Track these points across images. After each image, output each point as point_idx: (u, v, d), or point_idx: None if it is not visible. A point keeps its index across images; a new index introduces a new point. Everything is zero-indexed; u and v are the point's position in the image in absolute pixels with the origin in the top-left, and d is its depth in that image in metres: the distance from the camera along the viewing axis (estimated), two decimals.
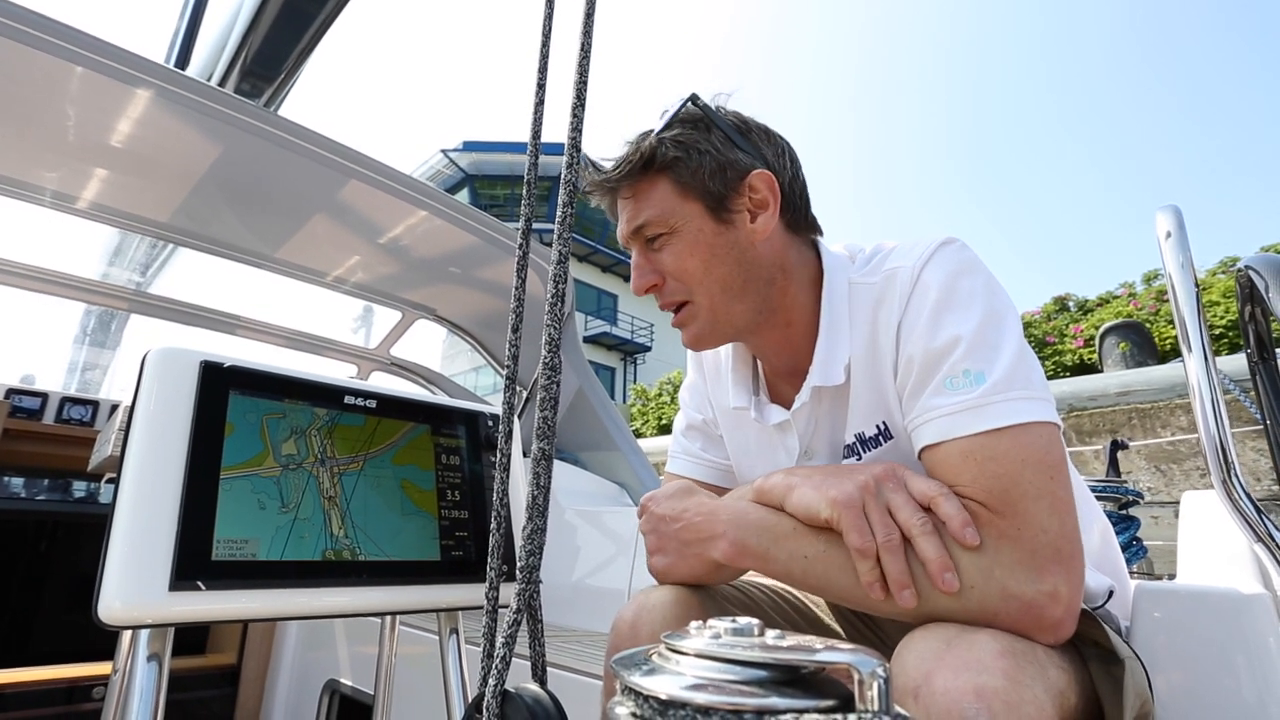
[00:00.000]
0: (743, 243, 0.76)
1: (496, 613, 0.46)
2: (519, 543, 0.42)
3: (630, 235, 0.79)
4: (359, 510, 0.75)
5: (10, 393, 2.07)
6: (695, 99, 0.78)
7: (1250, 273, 0.97)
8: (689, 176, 0.75)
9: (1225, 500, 0.83)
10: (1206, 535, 0.97)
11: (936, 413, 0.64)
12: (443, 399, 0.91)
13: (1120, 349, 6.00)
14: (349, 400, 0.80)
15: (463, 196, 20.03)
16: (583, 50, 0.46)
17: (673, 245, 0.77)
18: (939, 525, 0.59)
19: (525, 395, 2.23)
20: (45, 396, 2.13)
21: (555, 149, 0.45)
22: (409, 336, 2.45)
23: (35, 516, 2.05)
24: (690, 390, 0.98)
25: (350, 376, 2.00)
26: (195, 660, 1.99)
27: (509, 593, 0.75)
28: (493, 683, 0.41)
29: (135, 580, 0.59)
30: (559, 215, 0.45)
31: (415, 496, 0.80)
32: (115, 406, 2.22)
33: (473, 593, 0.80)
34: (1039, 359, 0.79)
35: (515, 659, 0.41)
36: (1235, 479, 0.83)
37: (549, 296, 0.43)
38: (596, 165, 0.80)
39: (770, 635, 0.28)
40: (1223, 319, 6.05)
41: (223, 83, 2.31)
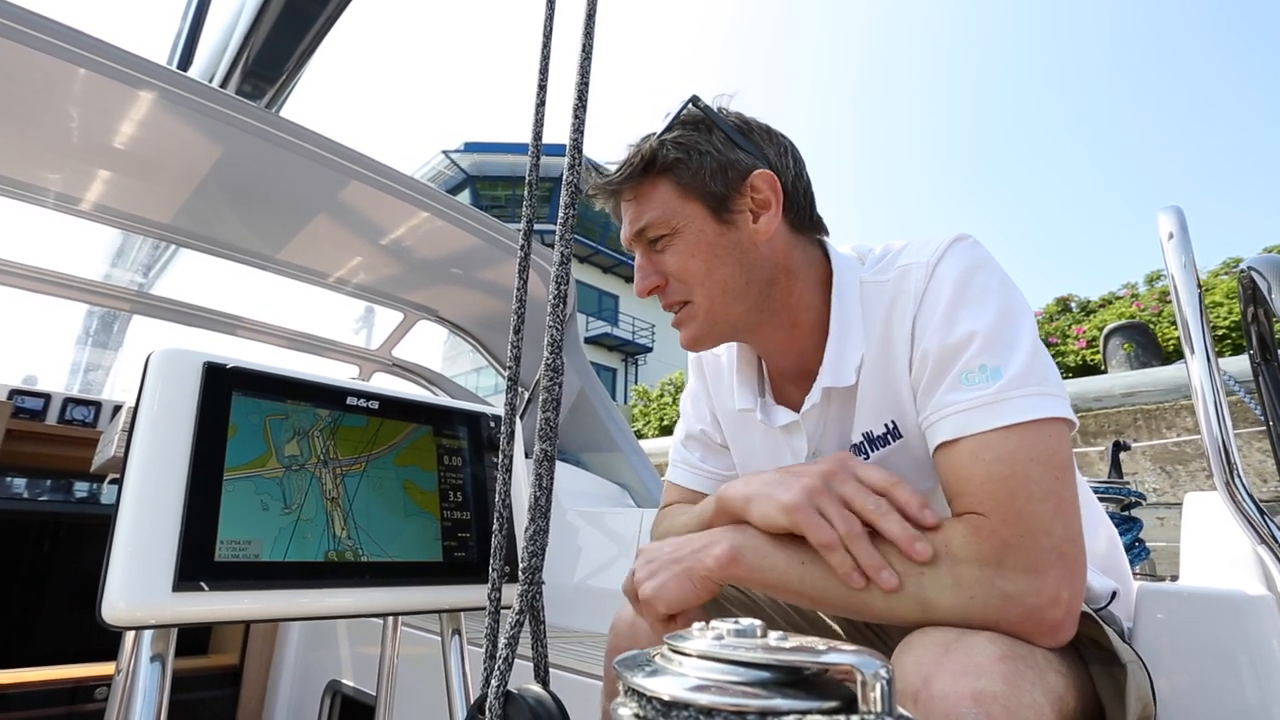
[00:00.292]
0: (745, 243, 0.76)
1: (499, 613, 0.46)
2: (521, 544, 0.42)
3: (633, 237, 0.79)
4: (361, 511, 0.75)
5: (13, 393, 2.08)
6: (696, 100, 0.78)
7: (1253, 274, 0.96)
8: (690, 178, 0.75)
9: (1228, 502, 0.83)
10: (1209, 537, 0.97)
11: (952, 408, 0.63)
12: (445, 400, 0.91)
13: (1125, 350, 5.99)
14: (351, 401, 0.80)
15: (464, 197, 20.04)
16: (584, 51, 0.46)
17: (675, 246, 0.77)
18: (902, 505, 0.59)
19: (527, 396, 2.23)
20: (48, 397, 2.14)
21: (557, 150, 0.46)
22: (410, 337, 2.45)
23: (38, 517, 2.06)
24: (691, 398, 0.98)
25: (352, 377, 2.00)
26: (197, 661, 1.99)
27: (511, 593, 0.75)
28: (495, 683, 0.41)
29: (139, 581, 0.59)
30: (560, 216, 0.45)
31: (417, 497, 0.80)
32: (117, 407, 2.22)
33: (475, 593, 0.80)
34: None
35: (517, 660, 0.41)
36: (1238, 480, 0.82)
37: (551, 298, 0.43)
38: (599, 168, 0.80)
39: (773, 636, 0.28)
40: (1226, 320, 6.04)
41: (224, 84, 2.32)
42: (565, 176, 0.45)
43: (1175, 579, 0.96)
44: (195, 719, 1.90)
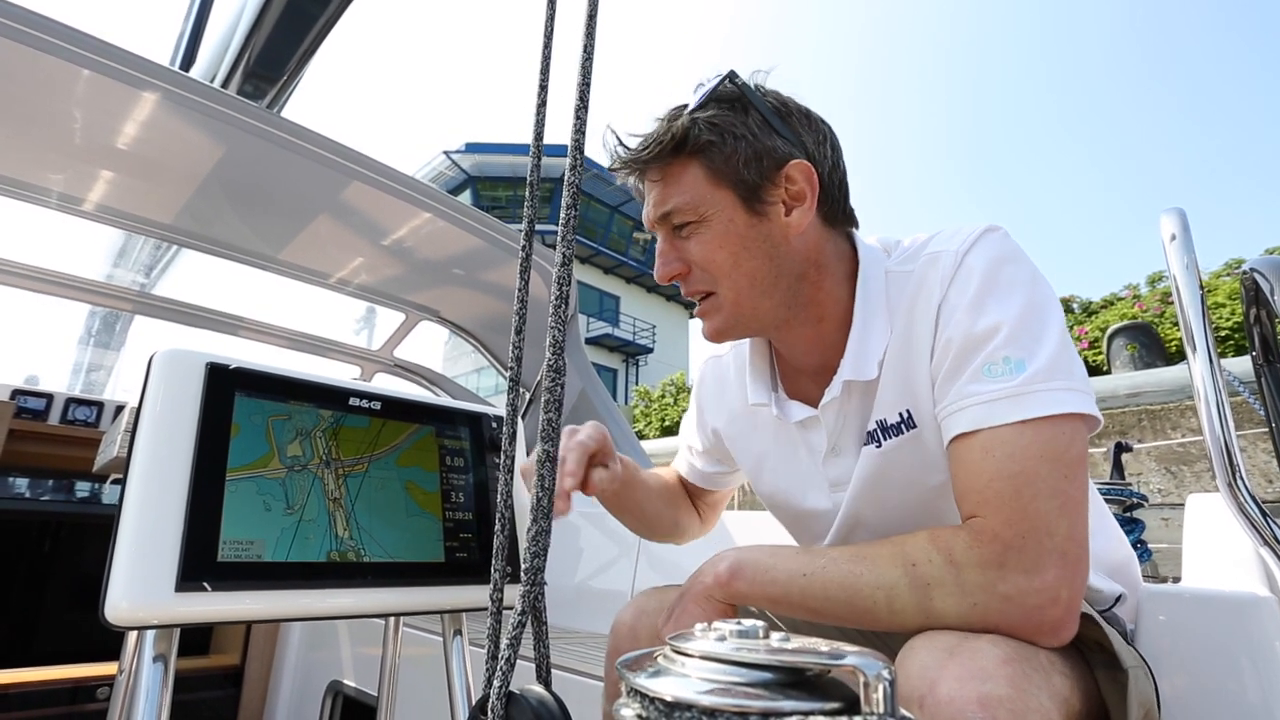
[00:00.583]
0: (775, 236, 0.72)
1: (501, 614, 0.46)
2: (523, 544, 0.42)
3: (656, 220, 0.75)
4: (363, 512, 0.75)
5: (16, 393, 2.08)
6: (734, 76, 0.73)
7: (1256, 275, 0.96)
8: (722, 163, 0.71)
9: (1231, 503, 0.83)
10: (1212, 538, 0.97)
11: (973, 399, 0.62)
12: (446, 401, 0.91)
13: (1129, 350, 5.98)
14: (354, 402, 0.80)
15: (465, 198, 20.06)
16: (585, 52, 0.46)
17: (701, 235, 0.73)
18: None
19: (529, 397, 2.23)
20: (50, 397, 2.14)
21: (558, 150, 0.45)
22: (411, 338, 2.45)
23: (40, 517, 2.06)
24: (690, 426, 1.00)
25: (353, 378, 2.00)
26: (199, 661, 1.99)
27: (513, 594, 0.75)
28: (497, 684, 0.41)
29: (142, 581, 0.59)
30: (562, 218, 0.45)
31: (419, 498, 0.80)
32: (120, 407, 2.23)
33: (477, 594, 0.80)
34: None
35: (519, 660, 0.41)
36: (1241, 482, 0.82)
37: (553, 298, 0.43)
38: (623, 141, 0.76)
39: (775, 637, 0.28)
40: (1229, 321, 6.02)
41: (226, 84, 2.32)
42: (567, 177, 0.45)
43: (1178, 580, 0.96)
44: (196, 719, 1.90)
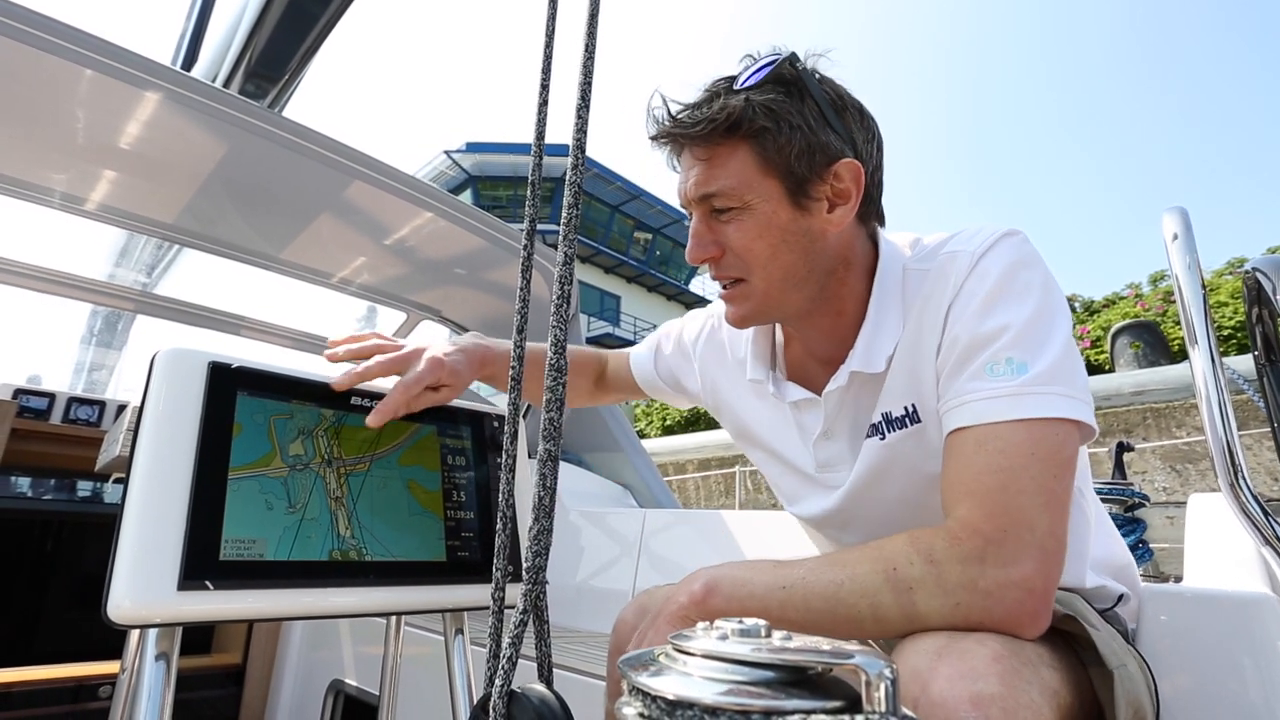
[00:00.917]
0: (814, 232, 0.72)
1: (503, 613, 0.46)
2: (525, 543, 0.42)
3: (696, 200, 0.73)
4: (365, 511, 0.75)
5: (18, 393, 2.08)
6: (795, 60, 0.71)
7: (1258, 275, 0.96)
8: (774, 152, 0.69)
9: (1232, 503, 0.83)
10: (1214, 537, 0.97)
11: (973, 396, 0.63)
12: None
13: (1132, 349, 5.97)
14: (356, 401, 0.80)
15: (465, 197, 20.06)
16: (586, 51, 0.46)
17: (741, 222, 0.71)
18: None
19: None
20: (52, 396, 2.14)
21: (558, 150, 0.45)
22: (412, 338, 2.45)
23: (42, 516, 2.06)
24: (672, 342, 1.00)
25: None
26: (200, 660, 2.00)
27: (515, 593, 0.75)
28: (499, 683, 0.41)
29: (144, 580, 0.59)
30: (564, 217, 0.45)
31: (421, 497, 0.81)
32: (122, 407, 2.23)
33: (479, 593, 0.81)
34: None
35: (521, 659, 0.41)
36: (1242, 481, 0.82)
37: (554, 298, 0.43)
38: (668, 108, 0.73)
39: (777, 636, 0.28)
40: (1231, 320, 6.02)
41: (228, 84, 2.32)
42: (569, 177, 0.45)
43: (1179, 579, 0.96)
44: (198, 718, 1.91)
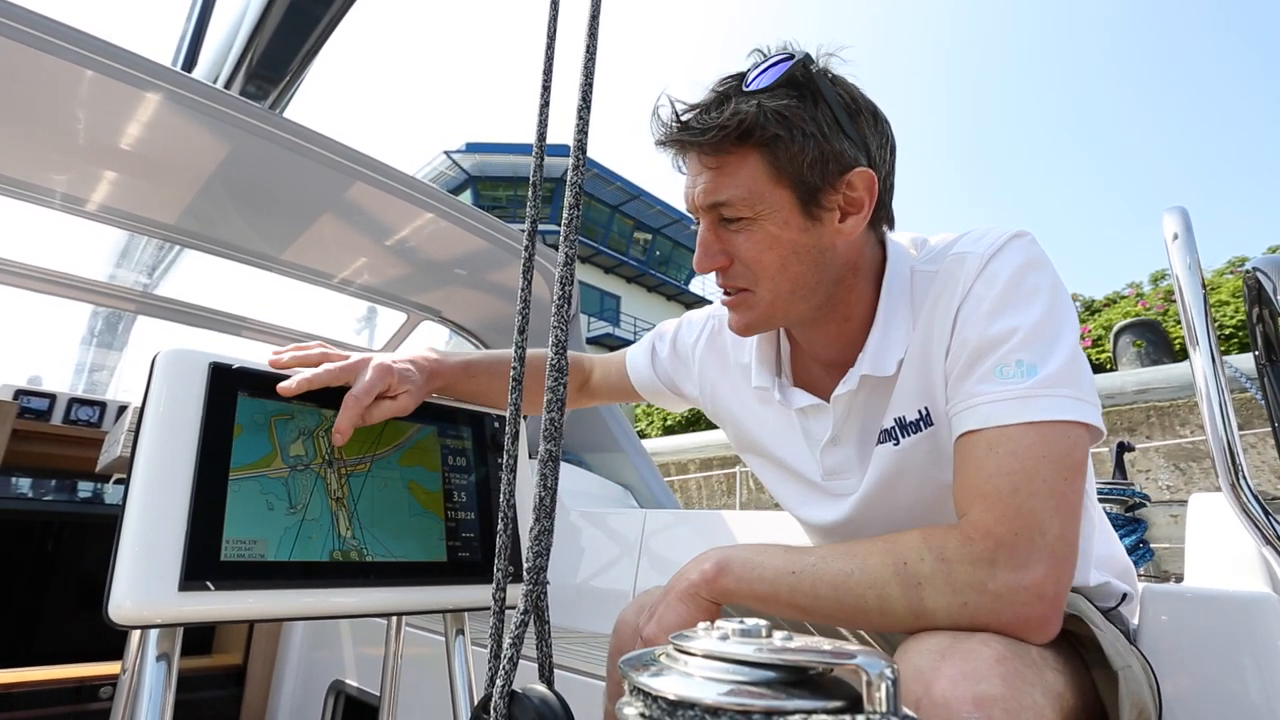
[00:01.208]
0: (825, 242, 0.70)
1: (504, 613, 0.46)
2: (525, 543, 0.42)
3: (704, 208, 0.71)
4: (366, 511, 0.75)
5: (19, 393, 2.09)
6: (809, 62, 0.68)
7: (1258, 274, 0.96)
8: (787, 161, 0.67)
9: (1233, 502, 0.83)
10: (1215, 537, 0.97)
11: (982, 399, 0.62)
12: (449, 400, 0.91)
13: (1135, 347, 5.96)
14: None
15: (465, 198, 20.06)
16: (588, 52, 0.46)
17: (752, 233, 0.70)
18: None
19: None
20: (53, 397, 2.14)
21: (559, 150, 0.46)
22: (413, 338, 2.46)
23: (42, 517, 2.06)
24: (668, 345, 0.99)
25: None
26: (201, 660, 2.00)
27: (516, 593, 0.75)
28: (500, 683, 0.41)
29: (145, 580, 0.59)
30: (565, 218, 0.45)
31: (422, 498, 0.81)
32: (122, 407, 2.23)
33: (479, 593, 0.81)
34: None
35: (522, 660, 0.41)
36: (1243, 481, 0.82)
37: (555, 298, 0.43)
38: (675, 110, 0.70)
39: (778, 636, 0.28)
40: (1233, 319, 6.01)
41: (229, 85, 2.32)
42: (569, 177, 0.45)
43: (1180, 579, 0.96)
44: (199, 718, 1.91)
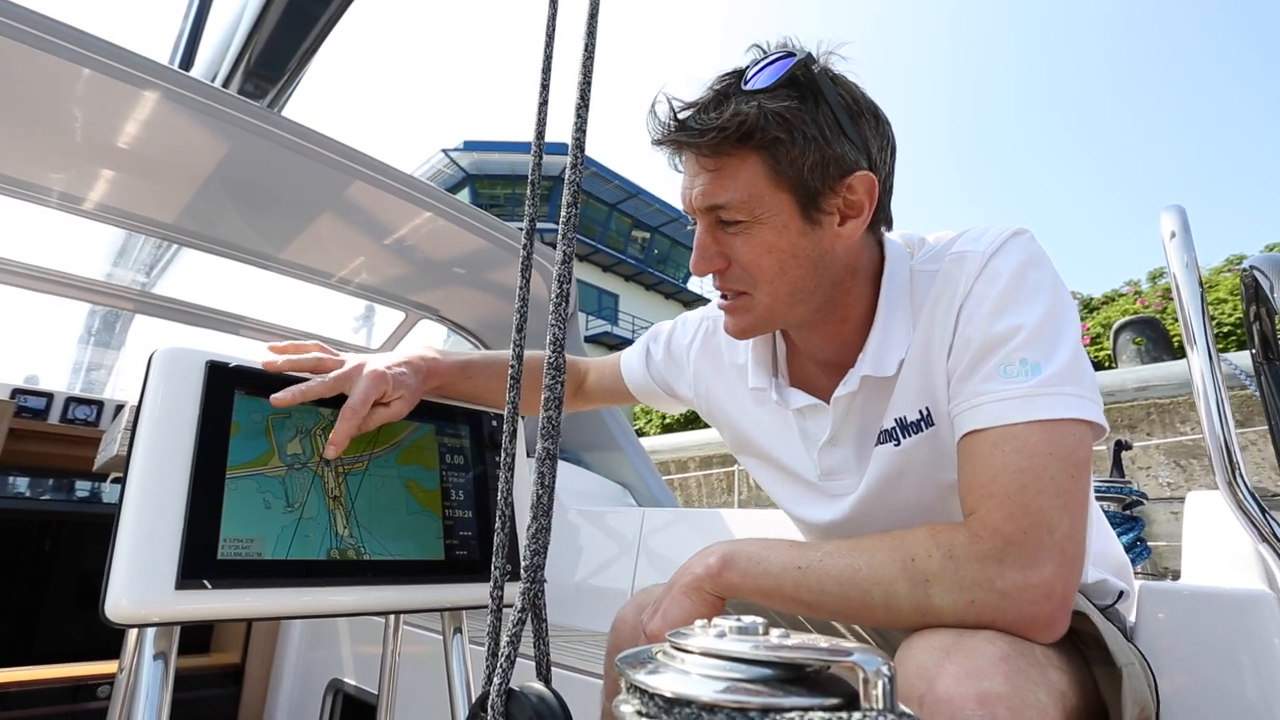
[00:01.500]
0: (824, 245, 0.70)
1: (501, 612, 0.46)
2: (523, 542, 0.42)
3: (702, 210, 0.71)
4: (364, 509, 0.75)
5: (16, 392, 2.08)
6: (810, 61, 0.67)
7: (1255, 272, 0.96)
8: (787, 164, 0.66)
9: (1230, 500, 0.83)
10: (1212, 535, 0.97)
11: (987, 398, 0.62)
12: (447, 398, 0.91)
13: (1135, 345, 5.96)
14: None
15: (463, 196, 20.05)
16: (586, 50, 0.46)
17: (750, 236, 0.69)
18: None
19: None
20: (50, 396, 2.14)
21: (557, 149, 0.46)
22: (411, 337, 2.46)
23: (40, 516, 2.06)
24: (662, 347, 0.99)
25: None
26: (199, 659, 2.00)
27: (513, 592, 0.76)
28: (497, 681, 0.41)
29: (142, 579, 0.59)
30: (563, 216, 0.45)
31: (420, 496, 0.81)
32: (120, 406, 2.23)
33: (477, 592, 0.81)
34: None
35: (519, 658, 0.41)
36: (1240, 479, 0.82)
37: (553, 296, 0.43)
38: (673, 109, 0.69)
39: (775, 634, 0.28)
40: (1231, 316, 6.02)
41: (227, 83, 2.32)
42: (567, 176, 0.45)
43: (1177, 576, 0.96)
44: (197, 717, 1.91)
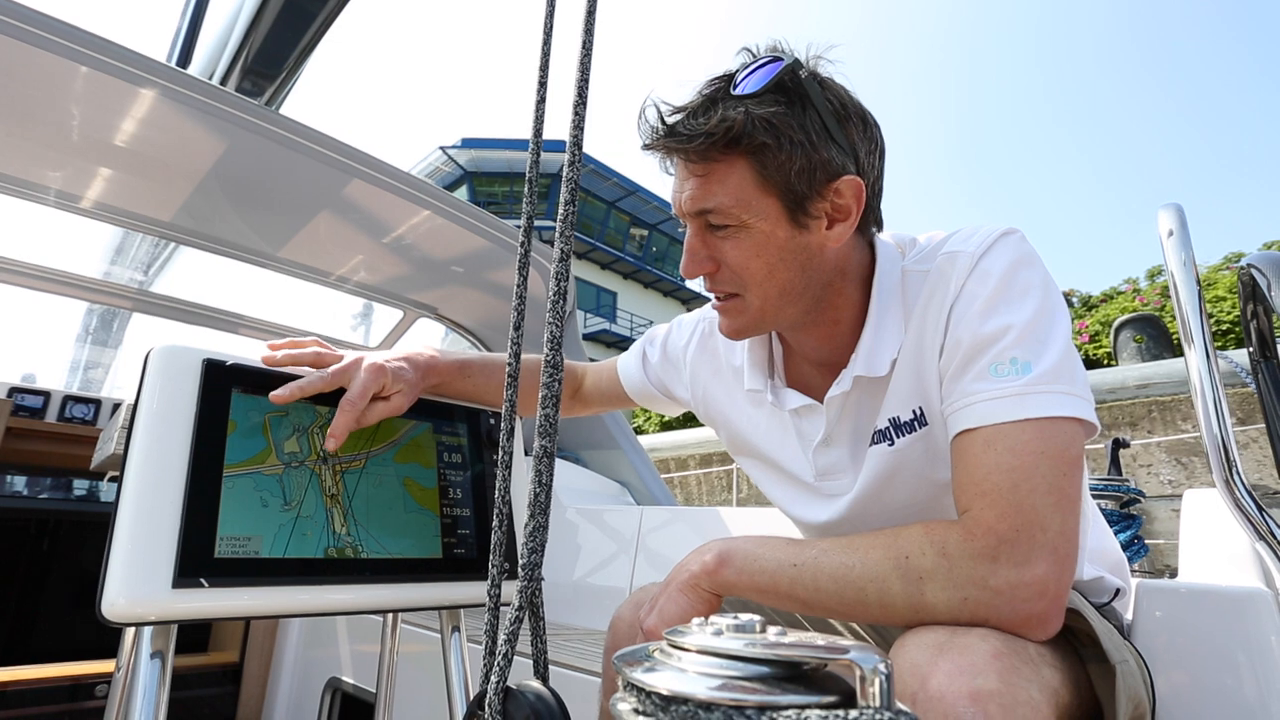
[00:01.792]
0: (812, 248, 0.71)
1: (499, 610, 0.46)
2: (521, 540, 0.42)
3: (692, 214, 0.72)
4: (361, 508, 0.75)
5: (13, 391, 2.08)
6: (798, 66, 0.68)
7: (1252, 270, 0.96)
8: (774, 169, 0.67)
9: (1227, 498, 0.83)
10: (1209, 533, 0.97)
11: (978, 397, 0.63)
12: (444, 397, 0.91)
13: (1136, 342, 5.96)
14: None
15: (461, 193, 20.02)
16: (584, 48, 0.46)
17: (738, 240, 0.70)
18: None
19: None
20: (48, 395, 2.14)
21: (555, 146, 0.45)
22: (409, 335, 2.45)
23: (37, 515, 2.06)
24: (658, 349, 1.00)
25: None
26: (197, 658, 1.99)
27: (511, 590, 0.75)
28: (495, 679, 0.41)
29: (139, 577, 0.59)
30: (560, 214, 0.45)
31: (417, 494, 0.80)
32: (117, 405, 2.22)
33: (475, 590, 0.81)
34: None
35: (517, 656, 0.41)
36: (1237, 477, 0.83)
37: (551, 294, 0.43)
38: (661, 113, 0.70)
39: (772, 631, 0.28)
40: (1229, 314, 6.02)
41: (224, 81, 2.32)
42: (565, 173, 0.45)
43: (1174, 574, 0.97)
44: (195, 716, 1.91)
